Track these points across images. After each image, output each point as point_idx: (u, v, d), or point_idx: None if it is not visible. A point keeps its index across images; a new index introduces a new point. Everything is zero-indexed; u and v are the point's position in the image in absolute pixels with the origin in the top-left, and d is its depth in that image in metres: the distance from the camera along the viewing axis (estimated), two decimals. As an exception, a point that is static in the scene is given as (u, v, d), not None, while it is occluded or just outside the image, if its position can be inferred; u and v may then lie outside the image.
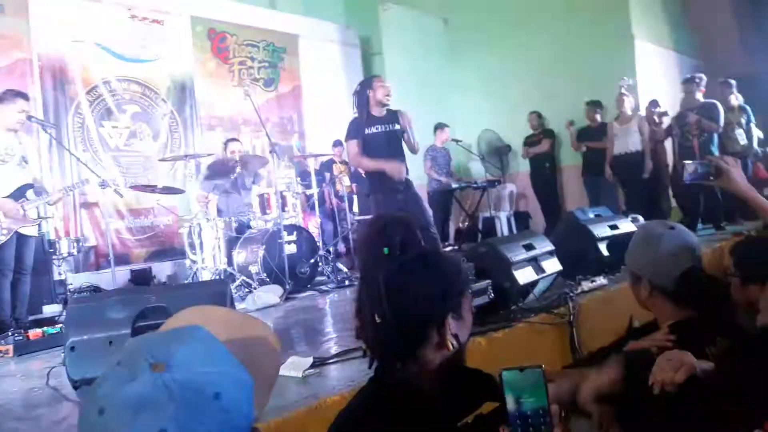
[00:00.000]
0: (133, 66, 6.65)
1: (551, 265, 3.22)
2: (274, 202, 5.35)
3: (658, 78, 8.15)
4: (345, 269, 5.73)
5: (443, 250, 4.26)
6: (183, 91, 7.05)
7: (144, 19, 6.75)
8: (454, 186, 7.68)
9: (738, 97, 6.83)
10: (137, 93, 6.67)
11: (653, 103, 7.19)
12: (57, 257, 5.03)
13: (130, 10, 6.61)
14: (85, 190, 5.88)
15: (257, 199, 5.48)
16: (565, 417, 0.96)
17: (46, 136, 5.52)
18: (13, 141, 4.28)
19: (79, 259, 5.70)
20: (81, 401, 0.61)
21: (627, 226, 3.93)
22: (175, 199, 6.07)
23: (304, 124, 8.29)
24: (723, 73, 7.16)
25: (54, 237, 5.31)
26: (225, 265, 5.10)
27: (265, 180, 6.02)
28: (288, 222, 5.44)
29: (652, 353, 1.42)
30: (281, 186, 5.57)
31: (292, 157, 7.74)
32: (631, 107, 6.82)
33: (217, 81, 7.45)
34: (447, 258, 1.26)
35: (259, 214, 5.46)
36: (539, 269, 3.11)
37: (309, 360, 2.33)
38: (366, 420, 1.14)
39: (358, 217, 6.59)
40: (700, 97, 6.35)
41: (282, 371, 2.07)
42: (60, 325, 3.75)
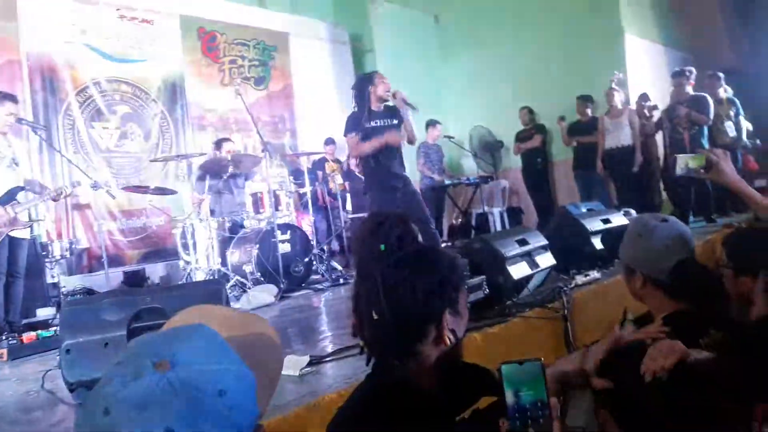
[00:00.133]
0: (123, 66, 6.62)
1: (545, 260, 3.24)
2: (267, 201, 5.34)
3: (647, 72, 8.18)
4: (339, 267, 5.73)
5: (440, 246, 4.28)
6: (173, 91, 7.02)
7: (133, 19, 6.71)
8: (447, 183, 7.69)
9: (727, 89, 6.87)
10: (127, 93, 6.64)
11: (643, 96, 7.22)
12: (49, 260, 5.01)
13: (119, 10, 6.57)
14: (77, 192, 5.85)
15: (250, 198, 5.47)
16: (561, 411, 0.97)
17: (36, 138, 5.49)
18: (2, 143, 4.25)
19: (71, 261, 5.67)
20: (83, 402, 0.61)
21: (619, 220, 3.96)
22: (168, 199, 6.05)
23: (296, 123, 8.28)
24: (711, 66, 7.20)
25: (46, 239, 5.29)
26: (219, 265, 5.09)
27: (258, 175, 6.00)
28: (281, 221, 5.43)
29: (646, 345, 1.43)
30: (274, 185, 5.56)
31: (284, 156, 7.73)
32: (621, 101, 6.85)
33: (207, 80, 7.43)
34: (443, 254, 1.27)
35: (252, 214, 5.45)
36: (533, 264, 3.13)
37: (306, 358, 2.34)
38: (365, 417, 1.14)
39: (351, 215, 6.59)
40: (690, 90, 6.38)
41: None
42: (54, 328, 3.74)
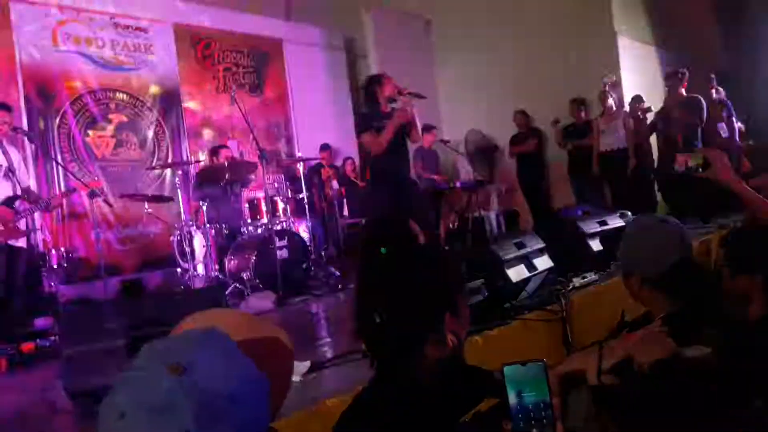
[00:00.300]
0: (118, 74, 6.61)
1: (543, 263, 3.25)
2: (264, 208, 5.34)
3: (640, 74, 8.22)
4: (337, 273, 5.72)
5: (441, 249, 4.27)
6: (169, 98, 7.02)
7: (128, 27, 6.71)
8: (443, 187, 7.70)
9: (719, 91, 6.91)
10: (122, 102, 6.64)
11: (637, 98, 7.25)
12: (46, 269, 4.99)
13: (113, 18, 6.58)
14: (73, 201, 5.85)
15: (247, 205, 5.47)
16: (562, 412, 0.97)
17: (31, 147, 5.48)
18: (-3, 152, 4.25)
19: (68, 270, 5.64)
20: (99, 408, 0.61)
21: (616, 222, 3.97)
22: (165, 207, 6.04)
23: (291, 129, 8.28)
24: (704, 68, 7.25)
25: (43, 249, 5.27)
26: (217, 273, 5.08)
27: (255, 182, 6.00)
28: (279, 227, 5.43)
29: None
30: (271, 191, 5.57)
31: (280, 162, 7.73)
32: (615, 104, 6.88)
33: (202, 88, 7.43)
34: (443, 256, 1.28)
35: (249, 220, 5.45)
36: (531, 267, 3.13)
37: (307, 364, 2.34)
38: (370, 420, 1.15)
39: (348, 220, 6.59)
40: (683, 92, 6.42)
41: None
42: (52, 338, 3.73)
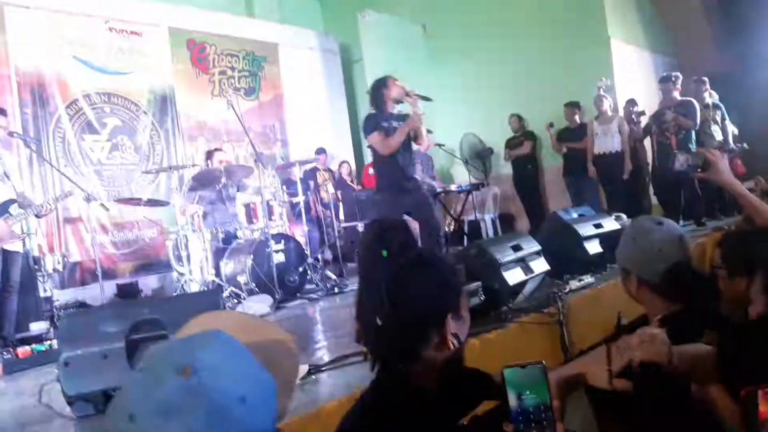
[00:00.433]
0: (113, 79, 6.62)
1: (539, 265, 3.26)
2: (260, 212, 5.33)
3: (634, 77, 8.27)
4: (333, 276, 5.72)
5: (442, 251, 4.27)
6: (164, 102, 7.02)
7: (122, 31, 6.71)
8: (439, 190, 7.71)
9: (712, 94, 6.96)
10: (117, 106, 6.63)
11: (631, 102, 7.30)
12: (42, 274, 4.97)
13: (107, 22, 6.58)
14: (68, 205, 5.83)
15: (243, 209, 5.47)
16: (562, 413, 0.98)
17: (26, 152, 5.47)
18: (-8, 157, 4.24)
19: (64, 275, 5.64)
20: (109, 411, 0.61)
21: (611, 224, 3.99)
22: (160, 211, 6.03)
23: (287, 133, 8.29)
24: (696, 71, 7.29)
25: (38, 253, 5.25)
26: (213, 277, 5.07)
27: (251, 188, 6.00)
28: (275, 231, 5.43)
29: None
30: (267, 195, 5.56)
31: (276, 167, 7.73)
32: (610, 107, 6.92)
33: (197, 92, 7.44)
34: (444, 258, 1.28)
35: (245, 224, 5.44)
36: (528, 269, 3.14)
37: (305, 367, 2.34)
38: (371, 423, 1.15)
39: (344, 224, 6.59)
40: (677, 95, 6.46)
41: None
42: (49, 342, 3.72)
